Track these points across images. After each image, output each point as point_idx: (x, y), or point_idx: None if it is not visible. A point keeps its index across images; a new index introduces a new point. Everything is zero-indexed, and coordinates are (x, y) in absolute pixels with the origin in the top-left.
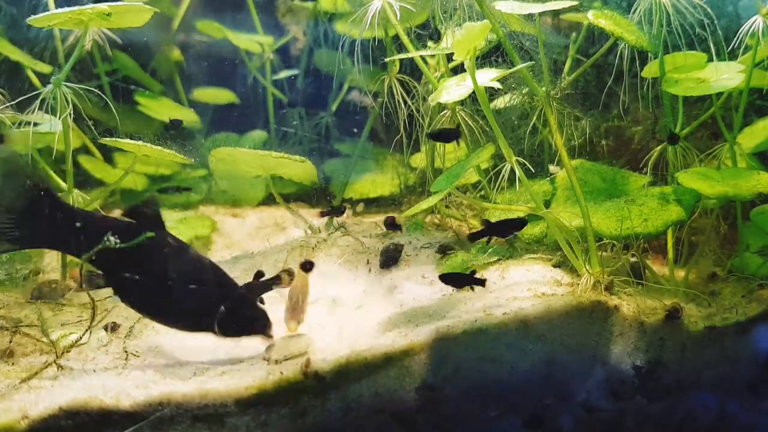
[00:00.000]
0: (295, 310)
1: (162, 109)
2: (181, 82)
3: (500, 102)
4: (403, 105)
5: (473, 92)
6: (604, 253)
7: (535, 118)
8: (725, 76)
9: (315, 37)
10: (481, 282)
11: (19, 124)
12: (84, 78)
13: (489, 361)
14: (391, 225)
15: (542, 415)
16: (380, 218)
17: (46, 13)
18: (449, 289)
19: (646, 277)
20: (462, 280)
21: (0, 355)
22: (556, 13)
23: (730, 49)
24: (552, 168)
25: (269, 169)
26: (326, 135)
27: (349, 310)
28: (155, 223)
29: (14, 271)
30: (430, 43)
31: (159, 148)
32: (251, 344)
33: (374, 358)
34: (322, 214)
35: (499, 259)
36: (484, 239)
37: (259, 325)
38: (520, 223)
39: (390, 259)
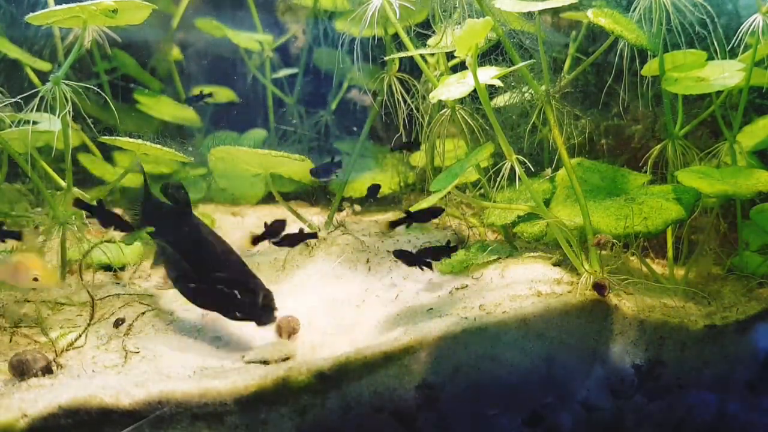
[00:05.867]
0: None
1: (161, 107)
2: (181, 81)
3: (500, 100)
4: (402, 103)
5: (473, 90)
6: (603, 252)
7: (534, 116)
8: (725, 74)
9: (315, 35)
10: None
11: (18, 122)
12: (83, 76)
13: (488, 359)
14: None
15: (542, 413)
16: (380, 217)
17: (45, 10)
18: (448, 288)
19: (645, 275)
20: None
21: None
22: (555, 12)
23: (729, 47)
24: (545, 173)
25: (269, 167)
26: (326, 133)
27: (349, 309)
28: (186, 205)
29: None
30: (429, 42)
31: (158, 146)
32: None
33: (374, 356)
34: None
35: (499, 258)
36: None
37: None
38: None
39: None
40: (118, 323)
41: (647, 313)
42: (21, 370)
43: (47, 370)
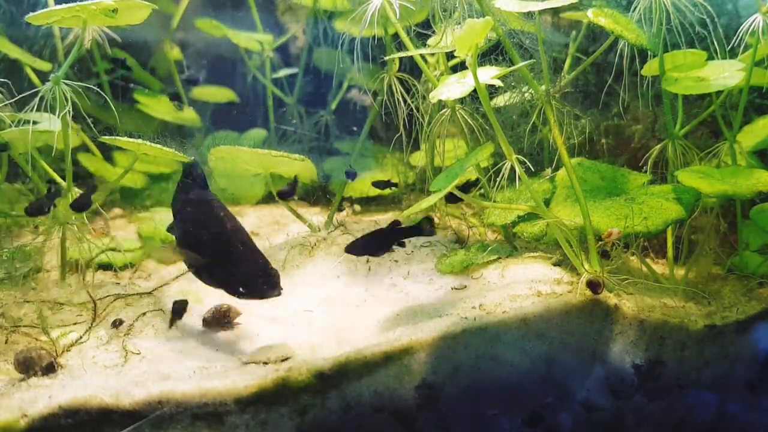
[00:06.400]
0: None
1: (161, 107)
2: (181, 81)
3: (500, 100)
4: (402, 103)
5: (473, 90)
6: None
7: (534, 116)
8: (725, 74)
9: (315, 35)
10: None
11: (18, 122)
12: (83, 76)
13: (488, 359)
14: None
15: (542, 413)
16: (380, 217)
17: (45, 9)
18: (448, 288)
19: (645, 275)
20: None
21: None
22: (555, 11)
23: (730, 47)
24: (545, 172)
25: (269, 167)
26: (326, 133)
27: (349, 309)
28: (203, 184)
29: (14, 269)
30: (429, 42)
31: (158, 146)
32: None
33: (374, 356)
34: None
35: (499, 258)
36: None
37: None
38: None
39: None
40: (116, 324)
41: (647, 313)
42: (26, 367)
43: (51, 369)
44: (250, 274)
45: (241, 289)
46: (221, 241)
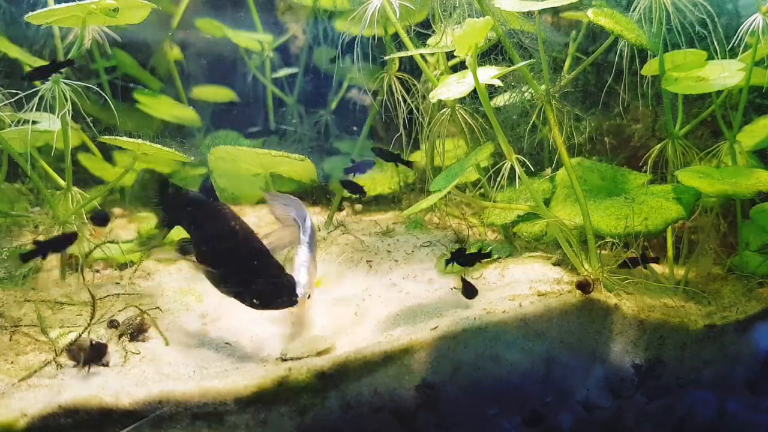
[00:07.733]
0: None
1: (161, 107)
2: (181, 80)
3: (500, 100)
4: (402, 103)
5: (473, 90)
6: (603, 252)
7: (534, 116)
8: (725, 74)
9: (314, 35)
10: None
11: (18, 121)
12: (83, 76)
13: (488, 359)
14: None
15: (541, 413)
16: (380, 216)
17: (45, 9)
18: (448, 287)
19: (645, 275)
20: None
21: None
22: (555, 11)
23: (730, 47)
24: (545, 172)
25: (268, 167)
26: (326, 133)
27: (349, 308)
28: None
29: (14, 269)
30: (429, 41)
31: (158, 146)
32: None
33: (374, 356)
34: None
35: (499, 258)
36: None
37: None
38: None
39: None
40: (112, 324)
41: (647, 312)
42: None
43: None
44: (263, 285)
45: (255, 301)
46: (233, 252)
